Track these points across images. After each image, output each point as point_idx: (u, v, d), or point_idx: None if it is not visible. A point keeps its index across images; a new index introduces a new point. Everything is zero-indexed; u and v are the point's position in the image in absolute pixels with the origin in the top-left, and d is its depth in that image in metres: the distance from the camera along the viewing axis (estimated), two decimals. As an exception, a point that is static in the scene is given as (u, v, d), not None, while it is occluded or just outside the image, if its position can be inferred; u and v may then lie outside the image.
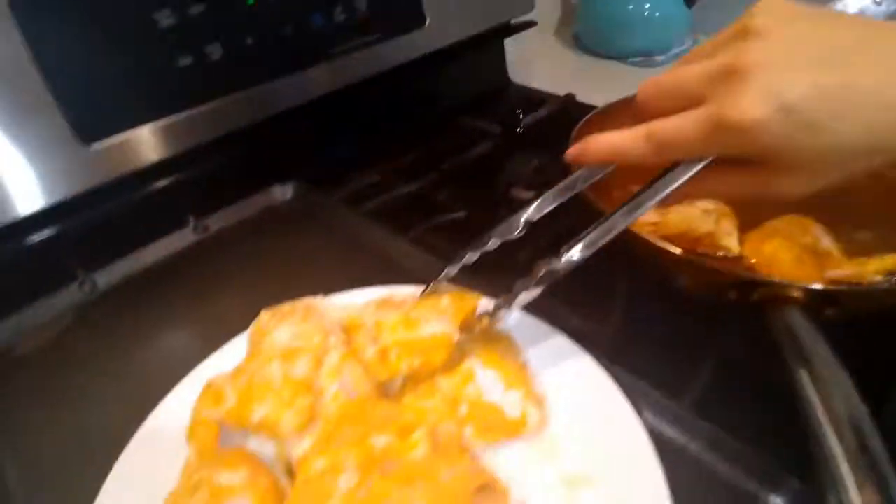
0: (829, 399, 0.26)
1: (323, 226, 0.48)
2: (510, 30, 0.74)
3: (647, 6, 0.84)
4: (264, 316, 0.34)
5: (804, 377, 0.28)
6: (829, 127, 0.23)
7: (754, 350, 0.35)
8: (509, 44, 0.79)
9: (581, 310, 0.41)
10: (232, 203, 0.49)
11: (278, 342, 0.31)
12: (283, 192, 0.51)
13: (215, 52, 0.47)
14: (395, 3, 0.58)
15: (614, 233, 0.28)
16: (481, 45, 0.71)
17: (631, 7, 0.84)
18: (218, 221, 0.48)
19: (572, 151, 0.29)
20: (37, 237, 0.45)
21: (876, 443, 0.24)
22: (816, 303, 0.33)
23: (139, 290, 0.46)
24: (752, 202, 0.29)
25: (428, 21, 0.61)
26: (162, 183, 0.49)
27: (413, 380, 0.31)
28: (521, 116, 0.72)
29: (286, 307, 0.34)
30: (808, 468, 0.25)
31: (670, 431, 0.31)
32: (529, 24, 0.74)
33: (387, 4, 0.57)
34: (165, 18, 0.43)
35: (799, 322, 0.31)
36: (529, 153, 0.63)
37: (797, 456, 0.27)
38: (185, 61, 0.45)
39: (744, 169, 0.26)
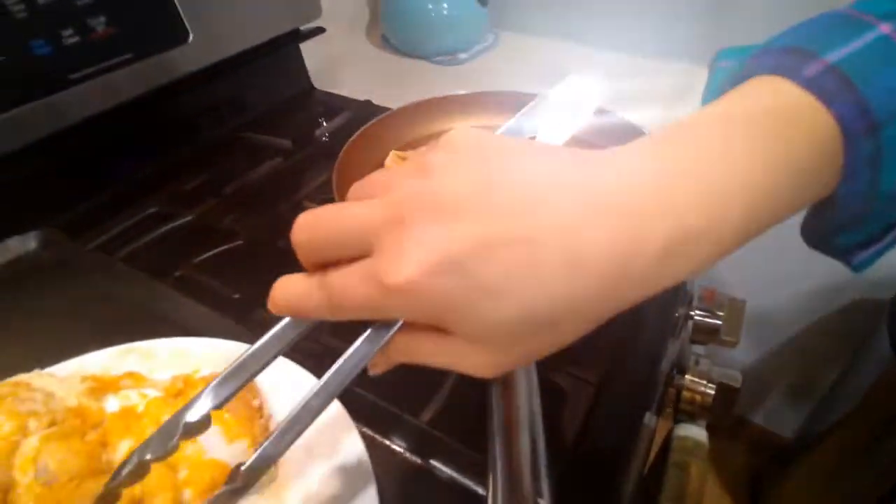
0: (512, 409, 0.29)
1: (73, 279, 0.44)
2: (300, 37, 0.72)
3: (445, 6, 0.86)
4: (-46, 406, 0.30)
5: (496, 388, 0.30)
6: (508, 291, 0.18)
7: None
8: (316, 49, 0.77)
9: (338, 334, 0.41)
10: (-44, 264, 0.43)
11: (-39, 438, 0.28)
12: (24, 244, 0.45)
13: None
14: (147, 19, 0.54)
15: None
16: (271, 54, 0.68)
17: (429, 7, 0.86)
18: (-62, 287, 0.42)
19: (269, 303, 0.23)
20: None
21: (540, 447, 0.27)
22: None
23: None
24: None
25: (192, 36, 0.57)
26: None
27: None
28: (324, 124, 0.71)
29: (-18, 392, 0.30)
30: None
31: (405, 443, 0.33)
32: (319, 31, 0.73)
33: (134, 22, 0.52)
34: None
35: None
36: (325, 164, 0.62)
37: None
38: None
39: (437, 335, 0.21)
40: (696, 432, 0.52)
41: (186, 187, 0.58)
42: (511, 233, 0.18)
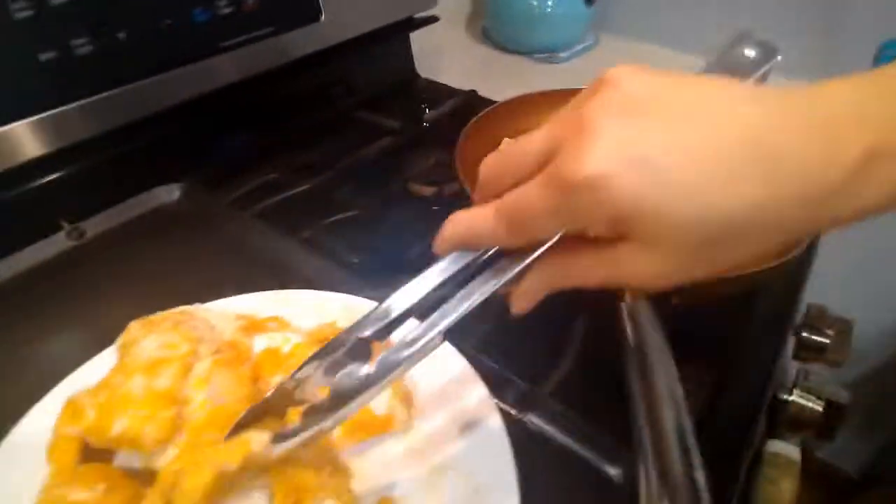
0: (652, 387, 0.29)
1: (211, 228, 0.47)
2: (413, 25, 0.75)
3: (549, 3, 0.87)
4: (133, 326, 0.33)
5: (633, 366, 0.31)
6: (697, 189, 0.18)
7: (605, 345, 0.38)
8: (419, 37, 0.79)
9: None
10: (111, 206, 0.47)
11: (144, 353, 0.31)
12: (168, 194, 0.49)
13: (82, 46, 0.44)
14: (288, -4, 0.57)
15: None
16: (384, 39, 0.71)
17: (534, 4, 0.87)
18: (95, 226, 0.46)
19: (436, 242, 0.24)
20: None
21: (686, 421, 0.27)
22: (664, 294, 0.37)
23: (7, 300, 0.43)
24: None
25: (324, 15, 0.60)
26: (32, 185, 0.46)
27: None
28: (427, 111, 0.73)
29: (157, 317, 0.33)
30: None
31: (531, 414, 0.34)
32: (432, 20, 0.75)
33: (278, -2, 0.56)
34: (21, 11, 0.40)
35: (644, 312, 0.34)
36: (430, 148, 0.64)
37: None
38: (48, 56, 0.43)
39: (596, 247, 0.21)
40: (788, 450, 0.51)
41: (304, 158, 0.61)
42: (701, 134, 0.18)
